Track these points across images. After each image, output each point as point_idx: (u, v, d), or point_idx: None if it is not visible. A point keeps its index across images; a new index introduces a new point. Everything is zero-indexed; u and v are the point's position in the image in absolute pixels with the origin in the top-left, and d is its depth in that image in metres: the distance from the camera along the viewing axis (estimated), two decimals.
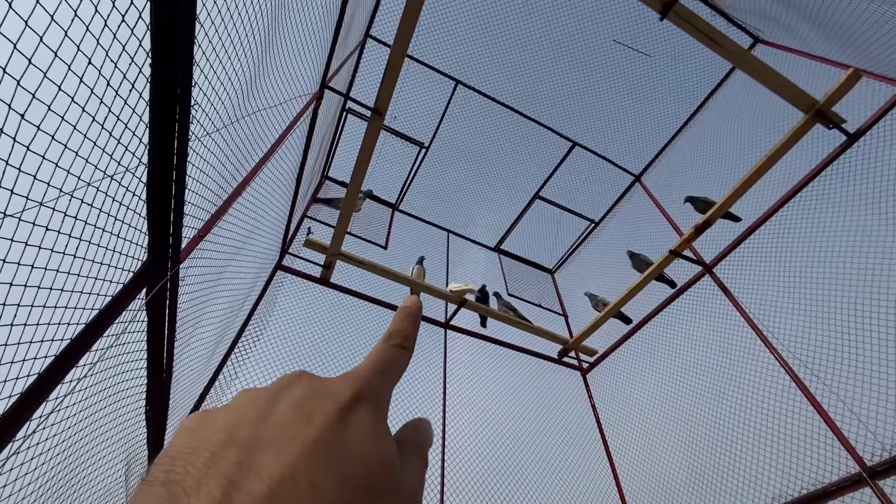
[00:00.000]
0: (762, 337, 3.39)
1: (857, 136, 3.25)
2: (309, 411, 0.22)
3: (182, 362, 2.16)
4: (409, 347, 0.30)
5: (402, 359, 0.29)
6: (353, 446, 0.21)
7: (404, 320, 0.31)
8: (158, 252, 1.41)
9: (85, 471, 1.72)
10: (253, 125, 2.24)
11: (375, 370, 0.27)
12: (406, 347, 0.30)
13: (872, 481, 2.56)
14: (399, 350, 0.29)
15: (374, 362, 0.27)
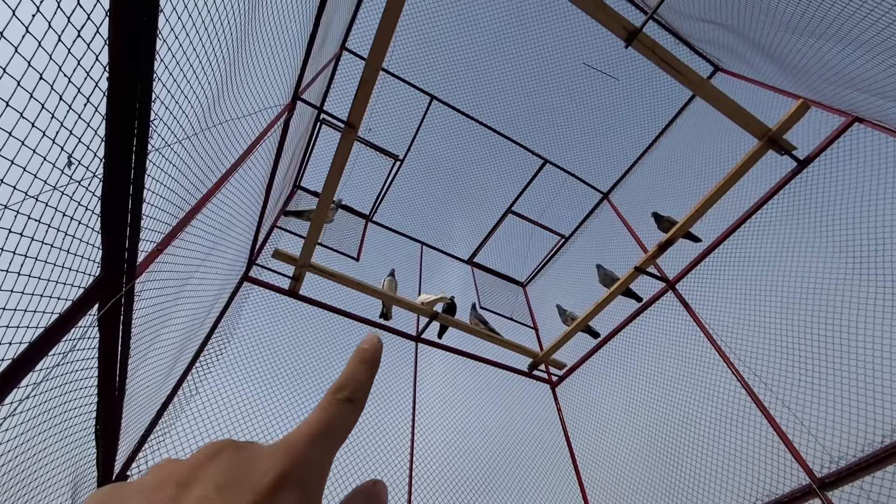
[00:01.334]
0: (720, 352, 3.52)
1: (806, 162, 3.45)
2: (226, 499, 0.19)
3: (137, 379, 2.08)
4: (361, 400, 0.26)
5: (351, 416, 0.25)
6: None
7: (359, 366, 0.27)
8: (112, 267, 1.36)
9: (29, 494, 1.62)
10: (221, 136, 2.20)
11: (313, 438, 0.23)
12: (356, 400, 0.26)
13: (822, 493, 2.68)
14: (347, 406, 0.25)
15: (313, 426, 0.24)
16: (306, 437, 0.23)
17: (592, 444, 4.40)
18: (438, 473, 3.77)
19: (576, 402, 4.82)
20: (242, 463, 0.21)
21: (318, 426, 0.24)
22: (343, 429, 0.25)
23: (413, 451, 3.74)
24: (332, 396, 0.25)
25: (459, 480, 3.84)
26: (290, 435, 0.23)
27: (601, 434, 4.36)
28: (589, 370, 4.85)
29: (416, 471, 3.62)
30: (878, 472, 2.56)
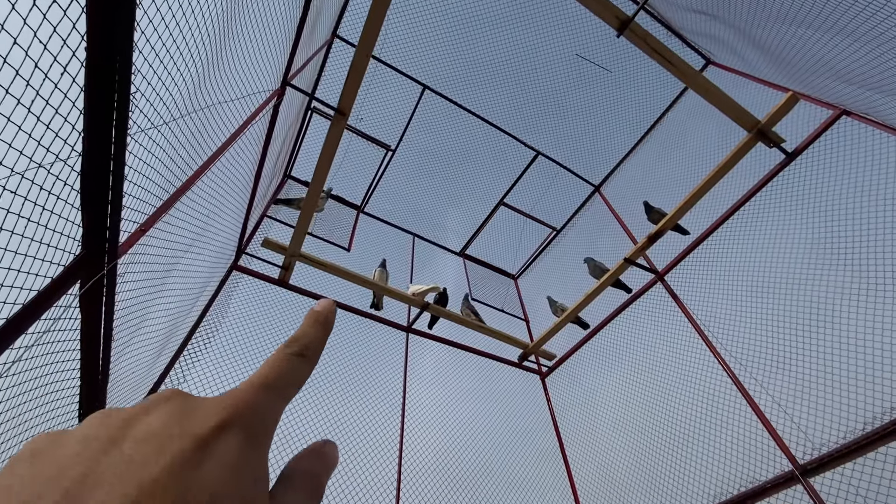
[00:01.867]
0: (707, 342, 3.56)
1: (794, 155, 3.48)
2: (162, 444, 0.19)
3: (122, 363, 2.06)
4: (312, 356, 0.26)
5: (301, 369, 0.25)
6: (206, 488, 0.18)
7: (312, 325, 0.28)
8: (94, 245, 1.34)
9: None
10: (208, 120, 2.17)
11: (264, 384, 0.23)
12: (307, 356, 0.26)
13: (804, 479, 2.73)
14: (297, 359, 0.25)
15: (263, 374, 0.24)
16: (254, 385, 0.23)
17: (581, 433, 4.44)
18: (428, 464, 3.79)
19: (565, 392, 4.86)
20: (187, 410, 0.21)
21: (266, 375, 0.24)
22: (293, 381, 0.25)
23: (402, 442, 3.75)
24: (283, 349, 0.26)
25: (449, 472, 3.86)
26: (240, 385, 0.24)
27: (590, 424, 4.40)
28: (578, 361, 4.89)
29: (405, 461, 3.63)
30: (859, 459, 2.61)
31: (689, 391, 3.61)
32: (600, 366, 4.55)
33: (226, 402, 0.22)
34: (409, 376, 4.35)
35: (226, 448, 0.20)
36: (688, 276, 4.03)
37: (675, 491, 3.34)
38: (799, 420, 2.95)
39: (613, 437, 4.08)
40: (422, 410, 4.18)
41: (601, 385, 4.49)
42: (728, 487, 3.04)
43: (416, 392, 4.27)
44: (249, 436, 0.21)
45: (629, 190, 5.27)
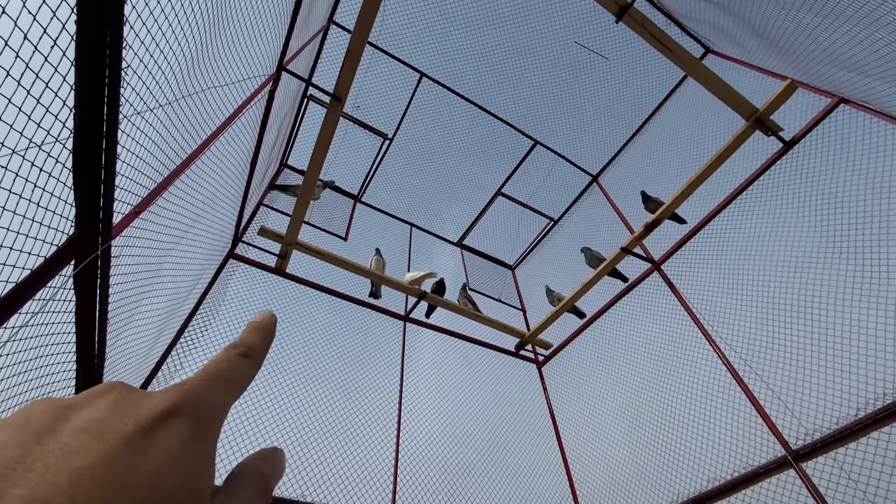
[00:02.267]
0: (703, 330, 3.58)
1: (792, 143, 3.48)
2: (102, 431, 0.18)
3: (118, 347, 2.05)
4: (255, 358, 0.27)
5: (246, 368, 0.26)
6: (148, 474, 0.18)
7: (252, 332, 0.28)
8: (87, 225, 1.33)
9: None
10: (202, 104, 2.15)
11: (209, 376, 0.24)
12: (251, 357, 0.26)
13: (797, 464, 2.76)
14: (243, 358, 0.26)
15: (207, 370, 0.24)
16: (199, 377, 0.24)
17: (577, 422, 4.48)
18: (425, 454, 3.81)
19: (562, 381, 4.89)
20: (131, 400, 0.21)
21: (211, 370, 0.24)
22: (238, 378, 0.25)
23: (399, 432, 3.76)
24: (229, 349, 0.26)
25: (446, 461, 3.89)
26: (185, 379, 0.24)
27: (586, 412, 4.44)
28: (575, 350, 4.91)
29: (402, 451, 3.65)
30: (852, 444, 2.64)
31: (685, 379, 3.64)
32: (596, 355, 4.57)
33: (172, 391, 0.22)
34: (407, 365, 4.36)
35: (171, 435, 0.20)
36: (684, 265, 4.04)
37: (669, 476, 3.38)
38: (792, 406, 2.97)
39: (609, 425, 4.12)
40: (419, 399, 4.20)
41: (597, 373, 4.52)
42: (721, 472, 3.08)
43: (414, 381, 4.29)
44: (196, 425, 0.21)
45: (627, 180, 5.27)
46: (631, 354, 4.19)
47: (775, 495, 2.83)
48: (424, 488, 3.55)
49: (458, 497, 3.63)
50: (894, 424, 2.47)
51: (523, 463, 4.25)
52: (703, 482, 3.16)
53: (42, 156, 1.14)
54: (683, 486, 3.25)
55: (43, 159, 1.12)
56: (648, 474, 3.56)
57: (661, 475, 3.45)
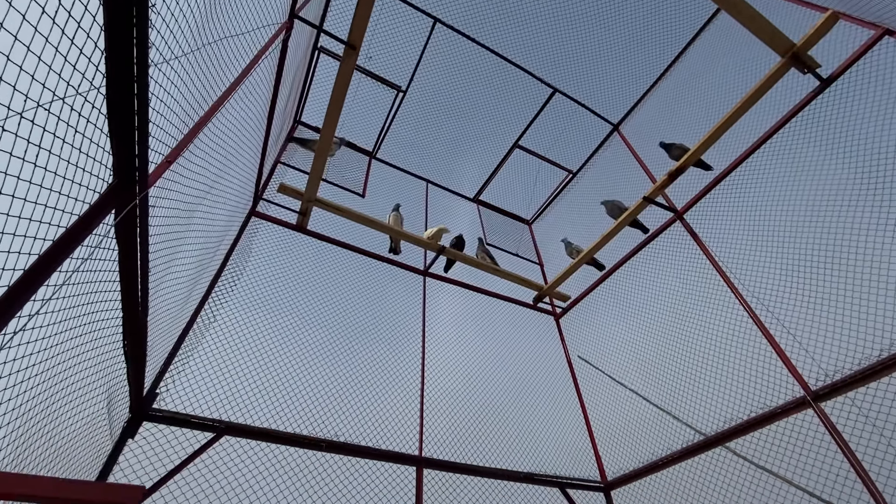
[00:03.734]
0: (724, 276, 3.56)
1: (829, 81, 3.30)
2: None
3: (158, 298, 2.14)
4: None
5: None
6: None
7: None
8: (125, 173, 1.36)
9: (64, 399, 1.73)
10: (219, 54, 2.12)
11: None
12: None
13: (815, 403, 2.81)
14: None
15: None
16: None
17: (595, 371, 4.59)
18: (448, 405, 3.94)
19: (580, 332, 4.97)
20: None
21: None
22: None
23: (423, 384, 3.89)
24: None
25: (468, 407, 4.03)
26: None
27: (604, 362, 4.53)
28: (593, 302, 4.96)
29: (426, 403, 3.78)
30: (872, 384, 2.67)
31: (703, 325, 3.66)
32: (615, 305, 4.61)
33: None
34: (428, 319, 4.46)
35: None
36: (707, 214, 3.97)
37: (687, 418, 3.48)
38: (812, 350, 2.99)
39: (627, 372, 4.21)
40: (441, 351, 4.32)
41: (616, 324, 4.57)
42: (738, 413, 3.15)
43: (435, 333, 4.40)
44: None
45: (649, 128, 5.09)
46: (650, 304, 4.21)
47: (792, 434, 2.90)
48: (448, 431, 3.72)
49: (480, 440, 3.81)
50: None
51: (543, 412, 4.40)
52: (719, 423, 3.25)
53: (78, 102, 1.15)
54: (701, 426, 3.36)
55: (80, 104, 1.13)
56: (666, 419, 3.67)
57: (680, 417, 3.55)
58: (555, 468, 3.85)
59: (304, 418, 3.10)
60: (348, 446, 3.06)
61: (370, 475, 3.12)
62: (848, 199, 3.11)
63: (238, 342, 3.21)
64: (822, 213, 3.22)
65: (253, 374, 3.14)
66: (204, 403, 2.84)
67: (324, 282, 4.08)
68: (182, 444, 2.65)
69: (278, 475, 2.79)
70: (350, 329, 3.91)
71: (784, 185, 3.51)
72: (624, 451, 3.92)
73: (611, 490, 3.87)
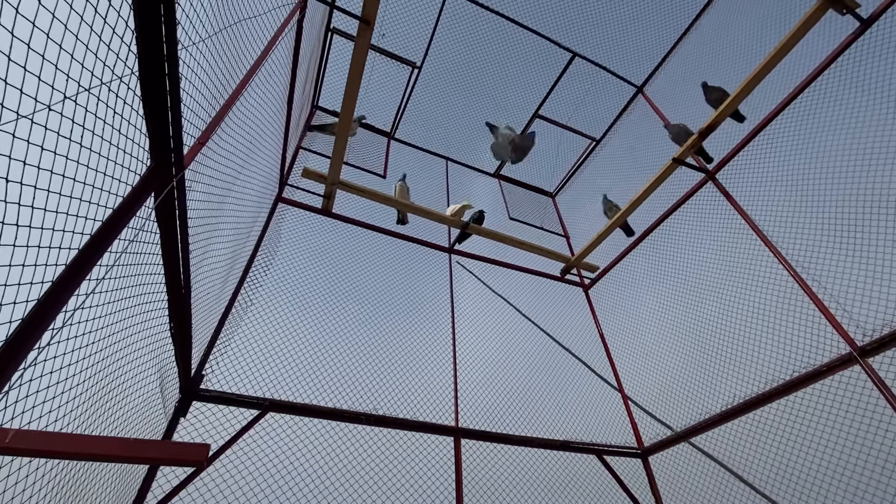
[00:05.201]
0: (761, 235, 3.43)
1: (871, 21, 3.09)
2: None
3: (199, 280, 2.22)
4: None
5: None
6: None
7: None
8: (161, 156, 1.39)
9: (120, 379, 1.83)
10: (236, 38, 2.13)
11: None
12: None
13: (862, 359, 2.72)
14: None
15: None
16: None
17: (628, 339, 4.54)
18: (481, 378, 3.98)
19: (610, 302, 4.91)
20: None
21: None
22: None
23: (455, 357, 3.92)
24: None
25: (502, 384, 4.06)
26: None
27: (636, 330, 4.48)
28: (622, 271, 4.88)
29: (460, 376, 3.83)
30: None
31: (739, 287, 3.56)
32: (646, 273, 4.53)
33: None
34: (456, 295, 4.48)
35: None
36: (742, 172, 3.81)
37: (726, 381, 3.43)
38: (853, 311, 2.88)
39: (661, 339, 4.15)
40: (471, 326, 4.34)
41: (647, 291, 4.49)
42: (780, 374, 3.08)
43: (464, 309, 4.43)
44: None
45: (676, 87, 4.89)
46: (683, 269, 4.12)
47: (839, 392, 2.82)
48: (484, 403, 3.77)
49: (515, 411, 3.84)
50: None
51: (576, 381, 4.40)
52: (760, 385, 3.18)
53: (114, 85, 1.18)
54: (740, 388, 3.30)
55: (117, 86, 1.16)
56: (703, 381, 3.62)
57: (717, 381, 3.50)
58: (590, 436, 3.86)
59: (343, 393, 3.19)
60: (387, 419, 3.15)
61: (409, 446, 3.21)
62: (892, 148, 2.94)
63: (276, 323, 3.31)
64: (862, 164, 3.05)
65: (293, 353, 3.25)
66: (248, 382, 2.96)
67: (353, 262, 4.15)
68: (231, 422, 2.78)
69: (322, 448, 2.90)
70: (382, 307, 3.98)
71: (823, 137, 3.33)
72: (662, 416, 3.90)
73: (648, 456, 3.87)
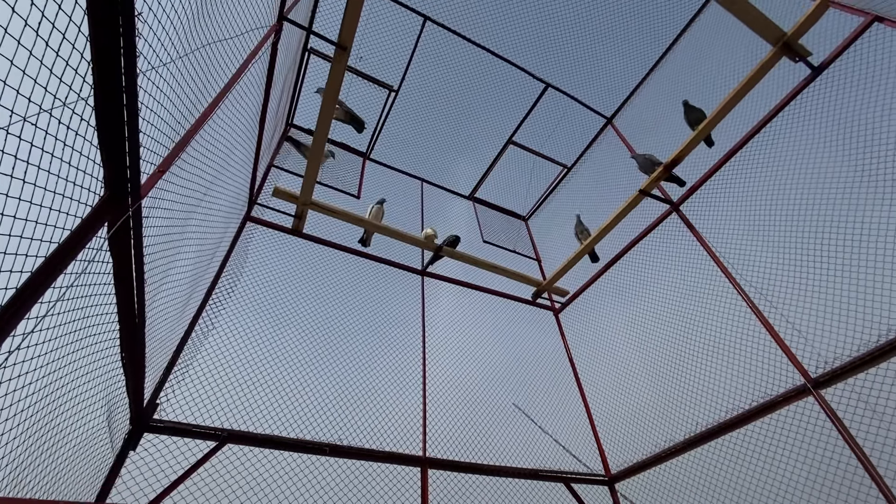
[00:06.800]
0: (721, 266, 3.56)
1: (820, 69, 3.30)
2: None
3: (156, 308, 2.12)
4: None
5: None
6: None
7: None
8: (116, 185, 1.33)
9: (64, 416, 1.71)
10: (208, 59, 2.09)
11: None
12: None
13: (816, 391, 2.83)
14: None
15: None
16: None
17: (596, 365, 4.60)
18: (451, 405, 3.92)
19: (579, 327, 4.98)
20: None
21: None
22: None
23: (425, 384, 3.88)
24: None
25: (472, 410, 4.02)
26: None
27: (604, 355, 4.54)
28: (592, 297, 4.96)
29: (429, 403, 3.77)
30: (871, 370, 2.68)
31: (702, 317, 3.67)
32: (613, 299, 4.62)
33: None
34: (428, 318, 4.45)
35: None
36: (704, 205, 3.97)
37: (688, 409, 3.50)
38: (812, 339, 3.00)
39: (627, 365, 4.22)
40: (442, 352, 4.30)
41: (614, 317, 4.58)
42: (740, 403, 3.17)
43: (435, 333, 4.39)
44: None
45: (644, 120, 5.09)
46: (649, 297, 4.22)
47: (794, 422, 2.92)
48: (452, 431, 3.72)
49: (484, 438, 3.80)
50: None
51: (546, 407, 4.40)
52: (721, 413, 3.26)
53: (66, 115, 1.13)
54: (702, 416, 3.37)
55: (68, 117, 1.11)
56: (667, 409, 3.68)
57: (680, 409, 3.57)
58: (559, 464, 3.85)
59: (306, 423, 3.08)
60: (352, 450, 3.05)
61: (375, 478, 3.11)
62: (843, 185, 3.12)
63: (238, 348, 3.19)
64: (817, 200, 3.23)
65: (254, 381, 3.13)
66: (206, 412, 2.83)
67: (323, 285, 4.06)
68: (185, 454, 2.63)
69: (283, 481, 2.78)
70: (350, 331, 3.90)
71: (778, 175, 3.52)
72: (627, 444, 3.94)
73: (615, 483, 3.89)
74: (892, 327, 2.60)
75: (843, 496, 2.61)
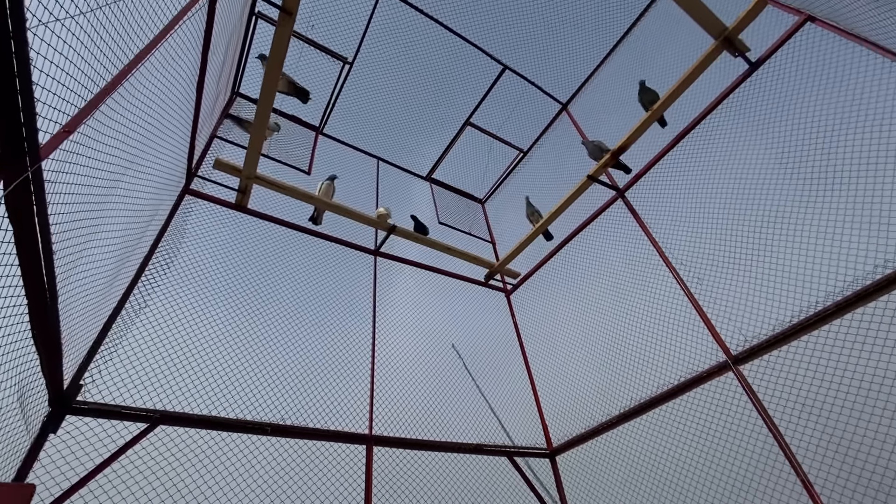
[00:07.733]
0: (658, 248, 3.74)
1: (757, 64, 3.47)
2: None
3: (73, 284, 1.98)
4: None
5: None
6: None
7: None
8: (11, 142, 1.21)
9: None
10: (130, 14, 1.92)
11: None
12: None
13: (735, 367, 3.05)
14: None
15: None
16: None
17: (543, 344, 4.75)
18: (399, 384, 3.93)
19: (529, 308, 5.11)
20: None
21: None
22: None
23: (374, 363, 3.87)
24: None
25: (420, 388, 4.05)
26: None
27: (550, 335, 4.70)
28: (541, 279, 5.09)
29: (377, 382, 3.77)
30: (783, 347, 2.92)
31: (640, 298, 3.86)
32: (562, 281, 4.76)
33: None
34: (379, 298, 4.42)
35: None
36: (647, 191, 4.13)
37: (625, 385, 3.69)
38: (737, 319, 3.23)
39: (571, 345, 4.39)
40: (392, 331, 4.29)
41: (562, 299, 4.73)
42: (671, 378, 3.38)
43: (386, 313, 4.37)
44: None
45: (596, 107, 5.20)
46: (593, 279, 4.38)
47: (716, 396, 3.15)
48: (400, 409, 3.75)
49: (432, 416, 3.86)
50: (822, 329, 2.73)
51: (494, 385, 4.52)
52: (653, 388, 3.47)
53: None
54: (637, 391, 3.57)
55: None
56: (606, 385, 3.87)
57: (618, 385, 3.76)
58: (506, 439, 3.99)
59: (248, 403, 3.01)
60: (295, 429, 3.02)
61: (320, 458, 3.10)
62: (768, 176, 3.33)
63: (174, 327, 3.04)
64: (746, 189, 3.43)
65: (192, 361, 3.00)
66: (138, 393, 2.70)
67: (268, 263, 3.93)
68: (112, 438, 2.51)
69: (219, 462, 2.72)
70: (297, 310, 3.81)
71: (714, 164, 3.70)
72: (569, 419, 4.12)
73: (556, 455, 4.07)
74: (802, 308, 2.83)
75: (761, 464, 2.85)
